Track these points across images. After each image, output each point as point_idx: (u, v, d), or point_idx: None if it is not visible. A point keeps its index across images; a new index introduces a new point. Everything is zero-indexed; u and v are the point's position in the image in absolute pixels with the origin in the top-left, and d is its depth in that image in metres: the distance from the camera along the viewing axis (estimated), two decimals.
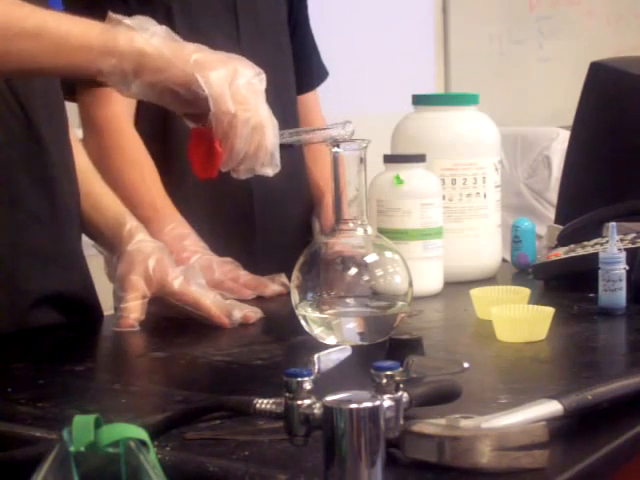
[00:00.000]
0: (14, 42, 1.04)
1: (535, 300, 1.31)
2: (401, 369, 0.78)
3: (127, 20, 1.10)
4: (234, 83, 1.11)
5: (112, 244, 1.35)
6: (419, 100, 1.66)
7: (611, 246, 1.31)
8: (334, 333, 1.15)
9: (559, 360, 1.16)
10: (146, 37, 1.09)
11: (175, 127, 1.67)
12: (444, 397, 0.86)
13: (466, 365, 0.84)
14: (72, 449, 0.63)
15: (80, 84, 1.65)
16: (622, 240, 1.37)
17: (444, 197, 1.53)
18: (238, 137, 1.11)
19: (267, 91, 1.81)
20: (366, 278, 1.15)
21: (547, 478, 0.74)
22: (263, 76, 1.14)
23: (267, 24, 1.76)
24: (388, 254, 1.17)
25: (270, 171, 1.16)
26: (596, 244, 1.46)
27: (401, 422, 0.77)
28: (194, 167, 1.16)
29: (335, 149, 1.15)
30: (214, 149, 1.12)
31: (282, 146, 1.17)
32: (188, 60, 1.10)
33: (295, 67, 1.81)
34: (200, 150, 1.14)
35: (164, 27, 1.12)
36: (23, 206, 1.25)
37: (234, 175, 1.16)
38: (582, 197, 1.72)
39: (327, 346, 0.89)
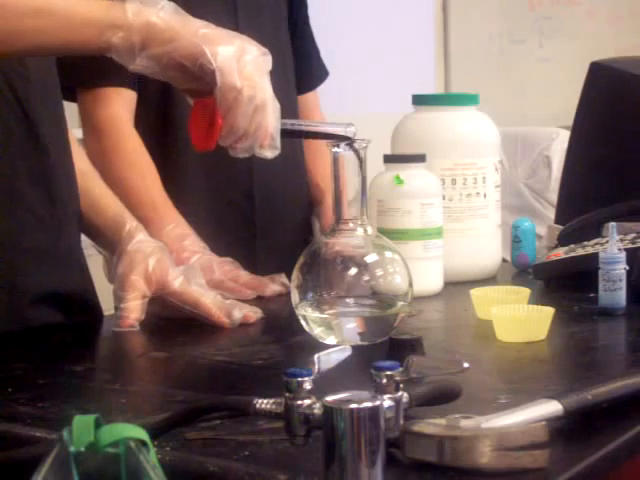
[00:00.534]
0: (23, 20, 1.04)
1: (535, 300, 1.31)
2: (401, 369, 0.78)
3: None
4: (241, 59, 1.10)
5: (112, 244, 1.35)
6: (419, 100, 1.66)
7: (611, 246, 1.31)
8: (334, 333, 1.15)
9: (559, 360, 1.16)
10: (154, 10, 1.08)
11: (175, 128, 1.68)
12: (444, 397, 0.86)
13: (466, 365, 0.85)
14: (72, 449, 0.63)
15: (80, 84, 1.65)
16: (622, 240, 1.37)
17: (444, 197, 1.53)
18: (241, 113, 1.10)
19: None
20: (366, 278, 1.15)
21: (547, 478, 0.74)
22: (269, 57, 1.14)
23: (267, 24, 1.76)
24: (388, 254, 1.17)
25: (270, 154, 1.15)
26: (596, 244, 1.46)
27: (401, 422, 0.77)
28: (193, 138, 1.15)
29: (335, 149, 1.15)
30: (215, 122, 1.11)
31: (282, 132, 1.16)
32: (196, 33, 1.09)
33: (295, 67, 1.81)
34: (201, 122, 1.13)
35: (172, 3, 1.11)
36: (23, 205, 1.25)
37: (232, 153, 1.15)
38: (582, 197, 1.72)
39: (327, 346, 0.89)
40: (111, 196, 1.41)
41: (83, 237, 1.39)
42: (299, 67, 1.83)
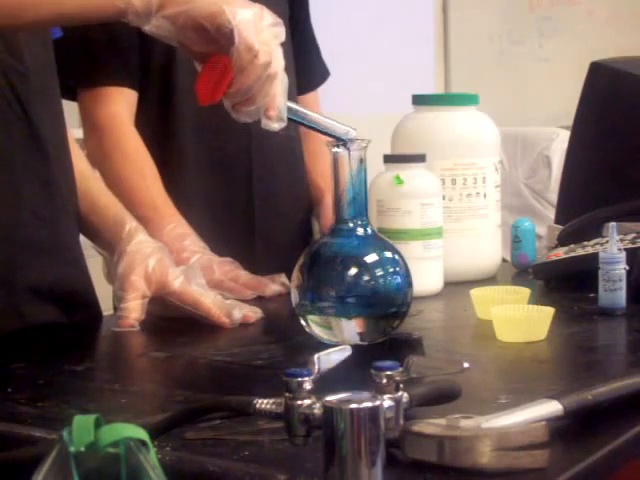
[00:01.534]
0: None
1: (535, 300, 1.31)
2: (401, 369, 0.78)
3: None
4: (259, 23, 1.10)
5: (111, 245, 1.35)
6: (419, 100, 1.66)
7: (611, 246, 1.31)
8: (334, 333, 1.15)
9: (559, 360, 1.16)
10: None
11: (175, 127, 1.68)
12: (444, 397, 0.86)
13: (466, 365, 0.85)
14: (72, 449, 0.63)
15: (81, 83, 1.65)
16: (622, 240, 1.37)
17: (444, 197, 1.53)
18: (254, 75, 1.09)
19: None
20: (366, 278, 1.15)
21: (547, 478, 0.74)
22: (283, 28, 1.13)
23: None
24: (388, 254, 1.17)
25: (276, 125, 1.14)
26: (596, 244, 1.46)
27: (401, 422, 0.77)
28: (199, 93, 1.13)
29: (335, 149, 1.15)
30: (225, 76, 1.09)
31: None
32: None
33: (296, 67, 1.81)
34: (209, 79, 1.11)
35: None
36: (22, 203, 1.25)
37: (235, 115, 1.13)
38: (582, 197, 1.72)
39: (327, 346, 0.88)
40: (110, 197, 1.41)
41: (83, 238, 1.39)
42: (300, 66, 1.83)
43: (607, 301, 1.30)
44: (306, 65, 1.87)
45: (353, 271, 1.15)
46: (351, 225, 1.17)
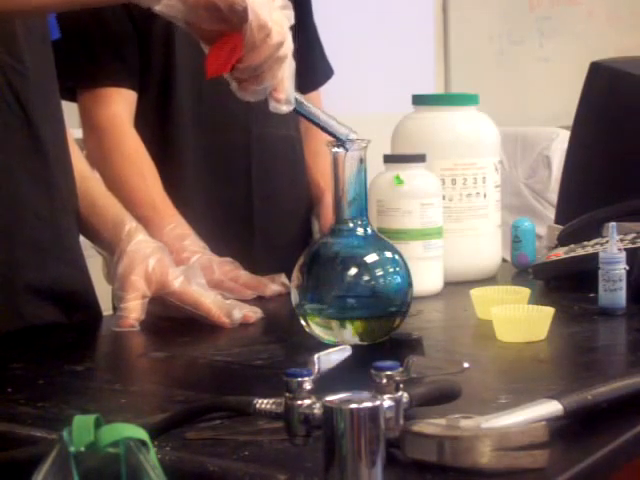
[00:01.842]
0: None
1: (535, 300, 1.31)
2: (401, 369, 0.78)
3: None
4: (271, 3, 1.09)
5: (111, 245, 1.35)
6: (419, 100, 1.66)
7: (611, 246, 1.31)
8: (334, 333, 1.15)
9: (559, 360, 1.16)
10: None
11: (174, 128, 1.68)
12: (444, 397, 0.86)
13: (466, 365, 0.85)
14: (72, 449, 0.63)
15: (80, 84, 1.65)
16: (622, 240, 1.37)
17: (444, 197, 1.53)
18: (266, 54, 1.08)
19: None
20: (366, 278, 1.15)
21: (547, 478, 0.74)
22: (292, 11, 1.13)
23: None
24: (388, 254, 1.17)
25: (285, 108, 1.13)
26: (596, 244, 1.46)
27: (401, 422, 0.77)
28: (208, 66, 1.12)
29: (335, 149, 1.15)
30: (236, 50, 1.09)
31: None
32: None
33: (297, 65, 1.80)
34: (218, 54, 1.11)
35: None
36: (22, 203, 1.26)
37: (240, 93, 1.12)
38: (582, 197, 1.72)
39: (327, 346, 0.88)
40: (110, 197, 1.41)
41: (82, 238, 1.39)
42: (302, 65, 1.82)
43: (607, 301, 1.30)
44: (309, 63, 1.86)
45: (353, 271, 1.15)
46: (351, 225, 1.17)
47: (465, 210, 1.58)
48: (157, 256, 1.32)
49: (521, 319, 1.17)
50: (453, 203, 1.57)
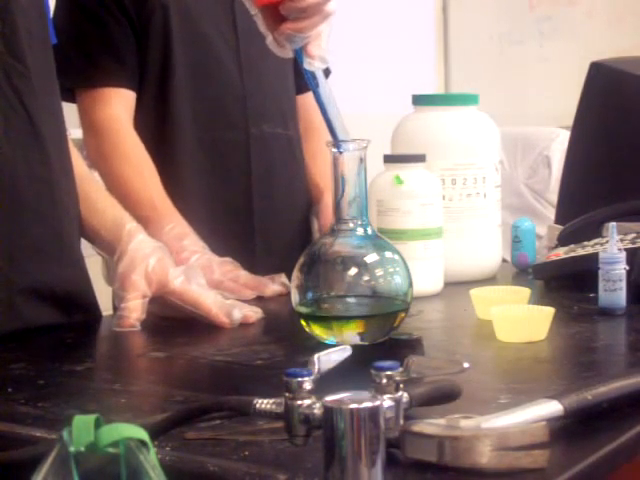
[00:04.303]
0: None
1: (535, 300, 1.31)
2: (401, 369, 0.78)
3: None
4: None
5: (111, 246, 1.35)
6: (419, 100, 1.65)
7: (611, 246, 1.31)
8: (334, 333, 1.15)
9: (559, 360, 1.16)
10: None
11: (174, 128, 1.68)
12: (444, 397, 0.86)
13: (466, 365, 0.84)
14: (72, 449, 0.63)
15: (79, 85, 1.65)
16: (622, 240, 1.37)
17: (444, 197, 1.53)
18: (316, 4, 1.09)
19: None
20: (366, 278, 1.15)
21: (547, 478, 0.74)
22: None
23: None
24: (388, 254, 1.17)
25: (321, 64, 1.16)
26: (596, 244, 1.46)
27: (401, 422, 0.77)
28: None
29: (335, 149, 1.15)
30: None
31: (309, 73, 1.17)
32: None
33: (294, 64, 1.80)
34: None
35: None
36: (23, 203, 1.25)
37: (277, 34, 1.13)
38: (582, 197, 1.72)
39: (327, 346, 0.88)
40: (109, 198, 1.41)
41: (82, 240, 1.39)
42: (299, 65, 1.82)
43: (607, 301, 1.30)
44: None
45: (353, 271, 1.15)
46: (351, 225, 1.16)
47: (465, 210, 1.58)
48: (157, 256, 1.32)
49: (521, 319, 1.17)
50: (453, 203, 1.57)
